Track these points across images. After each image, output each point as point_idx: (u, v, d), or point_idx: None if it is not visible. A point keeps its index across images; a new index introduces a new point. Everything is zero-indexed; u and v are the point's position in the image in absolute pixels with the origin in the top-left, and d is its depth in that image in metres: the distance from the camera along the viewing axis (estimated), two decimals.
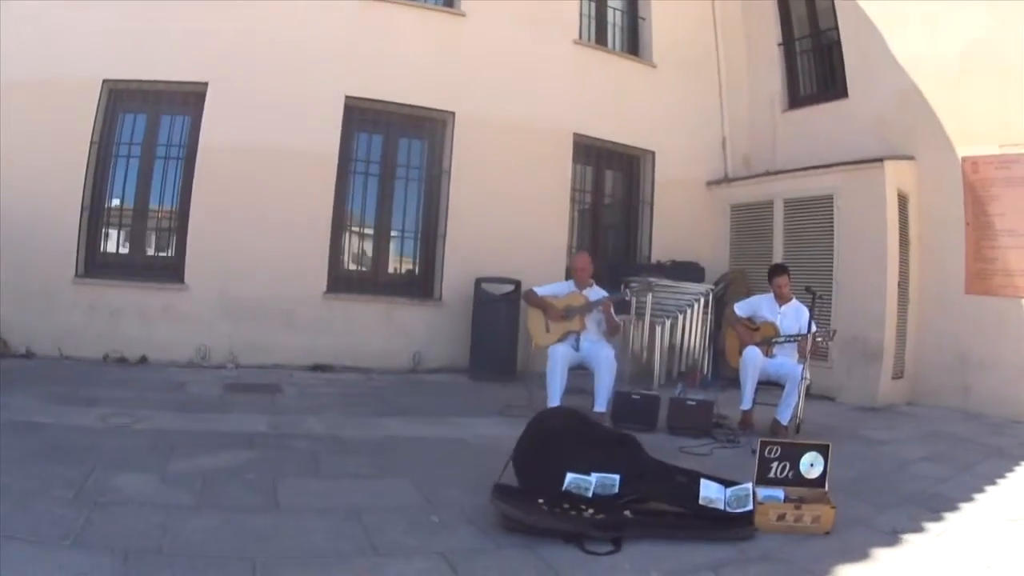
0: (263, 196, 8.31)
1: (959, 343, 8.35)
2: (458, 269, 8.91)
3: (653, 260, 9.93)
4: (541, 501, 3.76)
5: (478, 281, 8.65)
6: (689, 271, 9.39)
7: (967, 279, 8.30)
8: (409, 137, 9.24)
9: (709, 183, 10.46)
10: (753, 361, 6.38)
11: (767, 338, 6.57)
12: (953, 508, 4.46)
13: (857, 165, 8.66)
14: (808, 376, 6.03)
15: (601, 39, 10.30)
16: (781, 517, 3.87)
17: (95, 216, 8.20)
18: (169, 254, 8.50)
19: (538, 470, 4.04)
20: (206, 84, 8.26)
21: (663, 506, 3.96)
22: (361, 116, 8.90)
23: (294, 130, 8.38)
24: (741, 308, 6.92)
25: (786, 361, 6.42)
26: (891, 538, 3.85)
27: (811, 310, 6.25)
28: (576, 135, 9.69)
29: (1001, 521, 4.28)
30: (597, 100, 9.80)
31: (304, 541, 3.35)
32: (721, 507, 3.95)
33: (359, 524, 3.59)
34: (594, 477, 4.01)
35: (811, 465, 4.11)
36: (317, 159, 8.50)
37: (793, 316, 6.58)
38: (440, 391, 7.91)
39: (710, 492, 3.99)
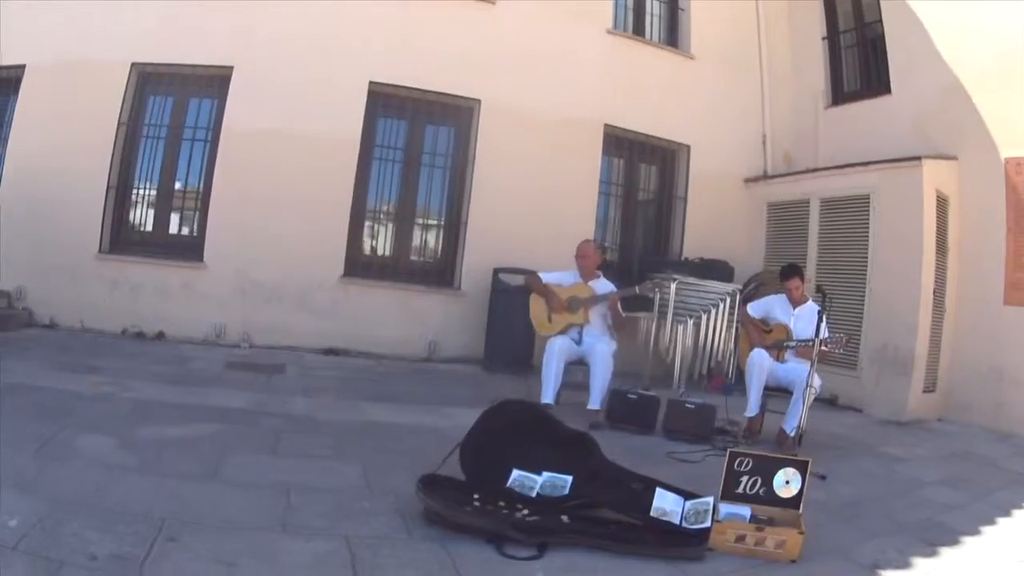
0: (284, 179, 8.39)
1: (995, 357, 7.83)
2: (479, 259, 8.81)
3: (684, 257, 9.61)
4: (477, 497, 3.66)
5: (496, 271, 8.52)
6: (717, 269, 9.06)
7: (1006, 289, 7.79)
8: (435, 124, 9.18)
9: (747, 180, 10.08)
10: (759, 364, 6.07)
11: (778, 341, 6.24)
12: (954, 542, 4.05)
13: (894, 164, 8.20)
14: (815, 384, 5.63)
15: (639, 29, 10.03)
16: (740, 539, 3.54)
17: (121, 195, 8.45)
18: (190, 233, 8.69)
19: (484, 464, 3.94)
20: (231, 68, 8.37)
21: (611, 514, 3.68)
22: (385, 102, 8.90)
23: (316, 115, 8.41)
24: (754, 308, 6.65)
25: (797, 366, 6.01)
26: (867, 573, 3.49)
27: (821, 312, 5.88)
28: (607, 126, 9.46)
29: (1006, 561, 3.86)
30: (630, 91, 9.52)
31: (220, 510, 3.40)
32: (676, 521, 3.67)
33: (284, 502, 3.63)
34: (544, 476, 3.84)
35: (786, 482, 3.76)
36: (338, 144, 8.53)
37: (808, 319, 6.22)
38: (446, 380, 7.86)
39: (665, 503, 3.73)
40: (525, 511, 3.59)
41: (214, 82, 8.46)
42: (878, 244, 8.35)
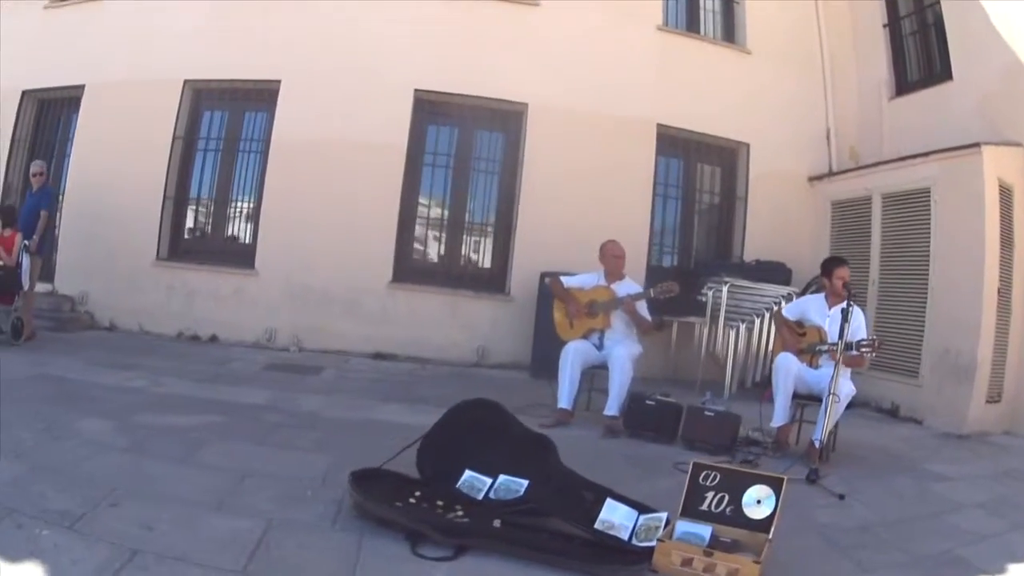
0: (331, 187, 8.57)
1: None
2: (528, 264, 8.65)
3: (747, 260, 9.20)
4: (419, 494, 3.57)
5: (543, 276, 8.26)
6: (774, 272, 8.62)
7: None
8: (483, 129, 9.14)
9: (811, 178, 9.57)
10: (785, 369, 5.57)
11: (811, 344, 5.72)
12: None
13: (953, 152, 7.54)
14: (843, 391, 5.22)
15: (692, 25, 9.74)
16: (687, 563, 3.12)
17: (177, 205, 8.88)
18: (244, 241, 8.96)
19: (441, 462, 3.85)
20: (279, 81, 8.63)
21: (558, 523, 3.42)
22: (432, 108, 8.95)
23: (362, 123, 8.58)
24: (789, 310, 6.19)
25: (831, 372, 5.37)
26: None
27: (846, 311, 5.36)
28: (660, 126, 9.17)
29: None
30: (685, 89, 9.23)
31: (170, 487, 3.63)
32: (624, 536, 3.36)
33: (236, 484, 3.77)
34: (500, 479, 3.72)
35: (757, 502, 3.37)
36: (384, 151, 8.63)
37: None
38: (486, 385, 7.64)
39: (613, 515, 3.45)
40: (460, 512, 3.46)
41: (264, 95, 8.73)
42: (939, 240, 7.69)
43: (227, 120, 8.96)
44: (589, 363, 6.14)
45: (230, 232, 9.17)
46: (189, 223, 9.11)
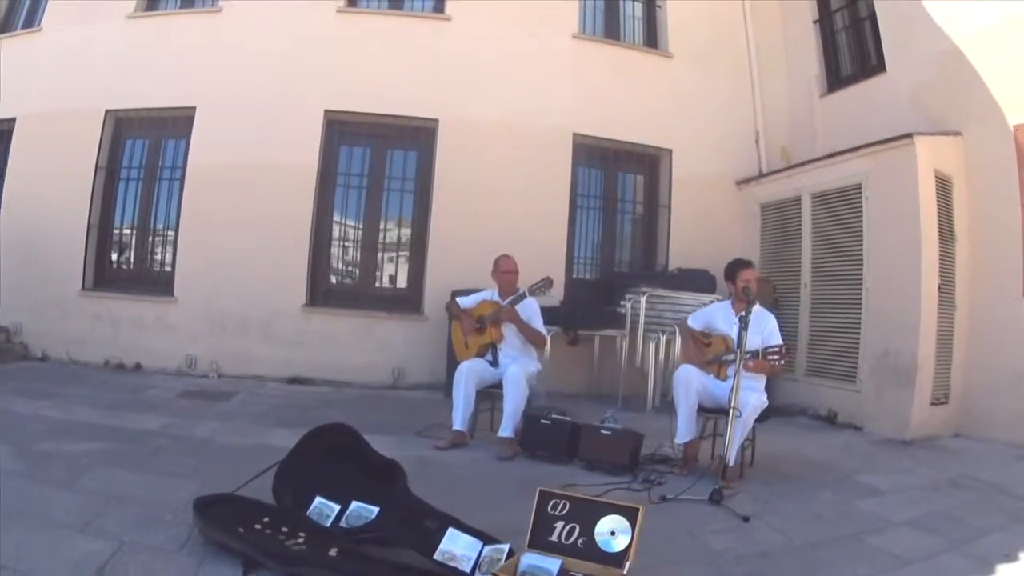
0: (245, 211, 8.55)
1: (1018, 358, 6.56)
2: (442, 283, 8.41)
3: (670, 268, 8.82)
4: (267, 520, 3.45)
5: (453, 294, 7.93)
6: (695, 280, 8.17)
7: None
8: (396, 148, 9.01)
9: (739, 182, 9.13)
10: (684, 382, 5.18)
11: (717, 355, 5.29)
12: None
13: (885, 145, 7.12)
14: (749, 403, 4.84)
15: (612, 31, 9.46)
16: None
17: (101, 234, 8.99)
18: (164, 269, 9.00)
19: (295, 488, 3.77)
20: (194, 108, 8.71)
21: (399, 553, 3.25)
22: (343, 129, 8.87)
23: (275, 146, 8.56)
24: (695, 319, 5.69)
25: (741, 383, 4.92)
26: None
27: (744, 317, 4.96)
28: (576, 135, 8.91)
29: None
30: (602, 97, 8.95)
31: (48, 509, 3.73)
32: (466, 568, 3.15)
33: (100, 507, 3.81)
34: (352, 506, 3.61)
35: (612, 534, 3.08)
36: (296, 173, 8.61)
37: (755, 327, 5.10)
38: (392, 407, 7.50)
39: (455, 546, 3.24)
40: (301, 539, 3.34)
41: (180, 123, 8.78)
42: (873, 238, 7.27)
43: (147, 148, 9.06)
44: (485, 382, 5.88)
45: (151, 260, 9.23)
46: (113, 252, 9.21)
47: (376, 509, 3.57)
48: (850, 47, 8.69)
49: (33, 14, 9.59)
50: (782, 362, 5.09)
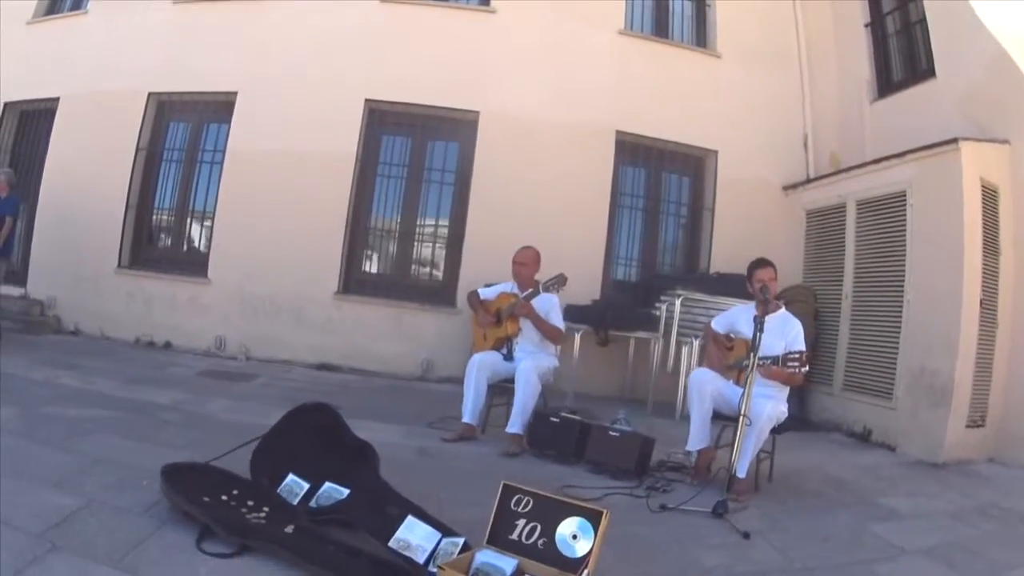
0: (283, 197, 8.55)
1: None
2: (477, 276, 8.04)
3: (711, 272, 8.59)
4: (236, 493, 3.43)
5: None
6: (733, 284, 7.74)
7: None
8: (436, 139, 8.91)
9: (786, 187, 8.86)
10: (698, 386, 4.94)
11: (739, 359, 5.00)
12: None
13: (930, 150, 6.78)
14: (763, 413, 4.55)
15: (660, 29, 9.25)
16: None
17: (140, 214, 9.06)
18: (199, 250, 9.05)
19: (270, 465, 3.74)
20: (236, 93, 8.75)
21: (355, 536, 3.21)
22: (384, 119, 8.81)
23: (315, 133, 8.56)
24: (718, 322, 5.43)
25: (761, 390, 4.68)
26: None
27: (760, 319, 4.64)
28: (619, 133, 8.72)
29: None
30: (647, 94, 8.76)
31: (26, 464, 3.78)
32: (420, 558, 3.05)
33: (84, 467, 3.86)
34: (325, 486, 3.59)
35: (573, 537, 2.90)
36: (335, 161, 8.57)
37: (777, 331, 4.84)
38: (419, 398, 7.41)
39: (411, 535, 3.15)
40: (263, 515, 3.32)
41: (223, 107, 8.83)
42: (915, 249, 6.89)
43: (189, 131, 9.09)
44: (499, 376, 5.71)
45: (188, 241, 9.26)
46: (151, 232, 9.27)
47: (347, 491, 3.55)
48: (901, 51, 8.37)
49: None
50: (802, 370, 4.71)
